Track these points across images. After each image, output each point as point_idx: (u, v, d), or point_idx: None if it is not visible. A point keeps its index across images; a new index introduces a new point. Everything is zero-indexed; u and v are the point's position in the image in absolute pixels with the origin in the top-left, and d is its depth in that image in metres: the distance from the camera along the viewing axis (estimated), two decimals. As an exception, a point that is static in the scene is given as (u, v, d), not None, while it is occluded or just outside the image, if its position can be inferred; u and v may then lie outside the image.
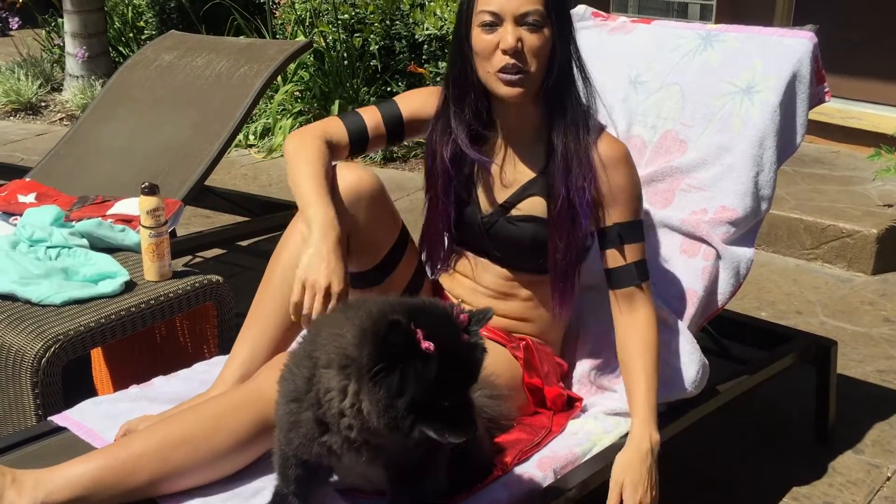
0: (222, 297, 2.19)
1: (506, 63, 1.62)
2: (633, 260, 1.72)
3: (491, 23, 1.63)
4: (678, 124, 2.08)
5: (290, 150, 1.72)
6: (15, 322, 1.94)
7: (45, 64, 6.25)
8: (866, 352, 2.83)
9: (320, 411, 1.30)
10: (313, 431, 1.32)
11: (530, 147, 1.75)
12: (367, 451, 1.30)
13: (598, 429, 1.75)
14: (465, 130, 1.73)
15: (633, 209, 1.73)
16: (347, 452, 1.30)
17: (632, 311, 1.72)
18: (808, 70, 2.01)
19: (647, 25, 2.32)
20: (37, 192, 2.70)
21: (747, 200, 1.96)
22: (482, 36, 1.64)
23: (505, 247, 1.77)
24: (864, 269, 3.42)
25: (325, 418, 1.30)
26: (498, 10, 1.62)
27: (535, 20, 1.62)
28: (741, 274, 1.95)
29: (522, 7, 1.61)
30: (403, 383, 1.20)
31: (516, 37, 1.61)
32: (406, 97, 1.84)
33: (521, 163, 1.76)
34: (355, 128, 1.78)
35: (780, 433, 2.39)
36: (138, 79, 3.25)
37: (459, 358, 1.25)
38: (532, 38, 1.62)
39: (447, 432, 1.24)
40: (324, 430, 1.31)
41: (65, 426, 1.72)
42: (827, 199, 3.74)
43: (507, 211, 1.76)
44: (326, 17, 5.11)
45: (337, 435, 1.29)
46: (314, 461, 1.35)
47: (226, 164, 4.45)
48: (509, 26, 1.62)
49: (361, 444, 1.29)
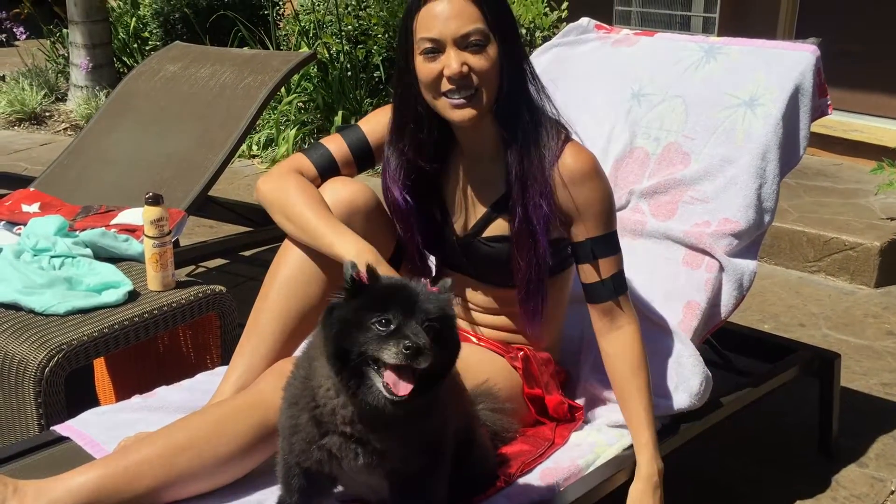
0: (225, 308, 2.19)
1: (450, 88, 1.57)
2: (609, 274, 1.67)
3: (432, 49, 1.56)
4: (681, 136, 2.09)
5: (267, 192, 1.69)
6: (18, 332, 1.94)
7: (49, 74, 6.28)
8: (870, 365, 2.82)
9: (317, 410, 1.29)
10: (313, 434, 1.31)
11: (493, 166, 1.70)
12: (365, 455, 1.29)
13: (602, 441, 1.74)
14: (415, 153, 1.67)
15: (604, 222, 1.66)
16: (347, 456, 1.29)
17: (615, 327, 1.69)
18: (810, 83, 2.01)
19: (650, 38, 2.32)
20: (41, 201, 2.71)
21: (750, 213, 1.96)
22: (425, 64, 1.58)
23: (483, 266, 1.75)
24: (867, 281, 3.42)
25: (322, 418, 1.29)
26: (438, 36, 1.55)
27: (478, 40, 1.55)
28: (744, 286, 1.95)
29: (462, 28, 1.55)
30: (333, 313, 1.23)
31: (460, 61, 1.55)
32: (369, 120, 1.79)
33: (485, 183, 1.72)
34: (322, 161, 1.74)
35: (784, 446, 2.38)
36: (143, 89, 3.26)
37: (393, 285, 1.25)
38: (477, 60, 1.56)
39: (376, 347, 1.19)
40: (323, 433, 1.30)
41: (67, 436, 1.72)
42: (830, 211, 3.74)
43: (479, 232, 1.73)
44: (330, 29, 5.13)
45: (335, 435, 1.29)
46: (316, 469, 1.35)
47: (229, 174, 4.46)
48: (451, 51, 1.55)
49: (360, 445, 1.28)
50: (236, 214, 3.34)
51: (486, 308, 1.81)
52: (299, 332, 1.68)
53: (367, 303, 1.22)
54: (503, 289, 1.76)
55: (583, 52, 2.36)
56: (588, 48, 2.37)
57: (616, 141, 2.16)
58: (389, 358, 1.19)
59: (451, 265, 1.81)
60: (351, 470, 1.32)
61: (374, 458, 1.30)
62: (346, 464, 1.31)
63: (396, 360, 1.19)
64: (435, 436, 1.34)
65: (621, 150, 2.14)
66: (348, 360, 1.21)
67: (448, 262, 1.82)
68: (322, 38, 5.06)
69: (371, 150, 1.76)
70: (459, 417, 1.47)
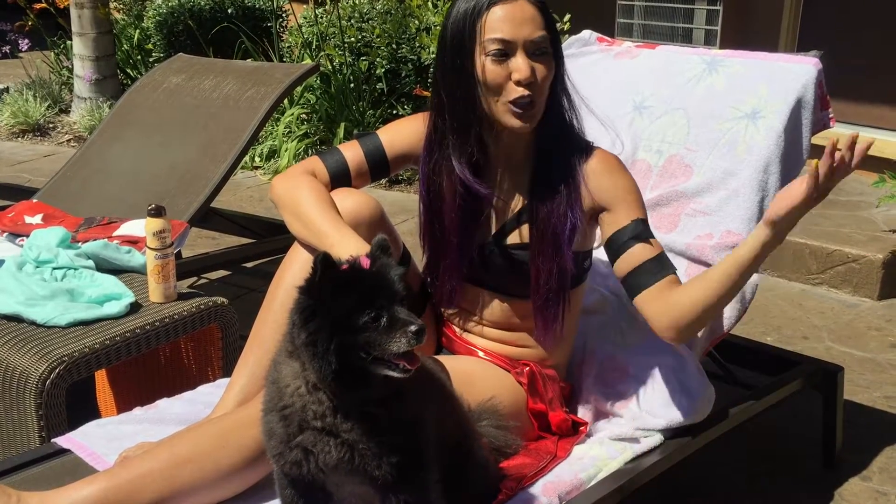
0: (227, 319, 2.19)
1: (521, 94, 1.57)
2: (658, 252, 1.65)
3: (502, 52, 1.56)
4: (683, 149, 2.09)
5: (280, 191, 1.68)
6: (20, 343, 1.94)
7: (53, 86, 6.30)
8: (873, 377, 2.81)
9: (286, 410, 1.30)
10: (283, 434, 1.31)
11: (519, 173, 1.71)
12: (338, 448, 1.27)
13: (604, 454, 1.73)
14: (468, 163, 1.66)
15: (642, 207, 1.68)
16: (322, 451, 1.28)
17: (671, 300, 1.62)
18: (812, 95, 2.02)
19: (651, 51, 2.33)
20: (43, 213, 2.71)
21: (752, 225, 1.96)
22: (491, 66, 1.57)
23: (502, 275, 1.74)
24: (869, 294, 3.41)
25: (292, 417, 1.29)
26: (510, 38, 1.56)
27: (544, 47, 1.58)
28: (746, 298, 1.94)
29: (534, 33, 1.56)
30: (307, 310, 1.23)
31: (530, 66, 1.56)
32: (389, 129, 1.78)
33: (512, 190, 1.72)
34: (336, 166, 1.73)
35: (787, 459, 2.37)
36: (146, 101, 3.27)
37: (362, 274, 1.25)
38: (541, 67, 1.58)
39: (384, 342, 1.21)
40: (295, 432, 1.30)
41: (68, 448, 1.71)
42: (832, 223, 3.74)
43: (502, 239, 1.73)
44: (333, 41, 5.14)
45: (308, 431, 1.29)
46: (297, 475, 1.33)
47: (232, 185, 4.47)
48: (521, 55, 1.56)
49: (332, 437, 1.27)
50: (238, 226, 3.34)
51: (497, 322, 1.79)
52: None
53: (346, 303, 1.22)
54: (519, 300, 1.75)
55: (585, 65, 2.37)
56: (590, 60, 2.38)
57: (615, 152, 2.16)
58: (402, 348, 1.21)
59: (468, 277, 1.79)
60: (328, 467, 1.30)
61: (347, 453, 1.28)
62: (322, 460, 1.29)
63: (409, 347, 1.21)
64: (406, 428, 1.32)
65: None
66: (352, 365, 1.22)
67: (467, 274, 1.80)
68: (325, 49, 5.08)
69: (387, 159, 1.76)
70: (451, 426, 1.47)
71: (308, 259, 1.63)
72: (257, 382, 1.64)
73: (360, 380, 1.24)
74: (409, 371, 1.23)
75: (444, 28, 1.64)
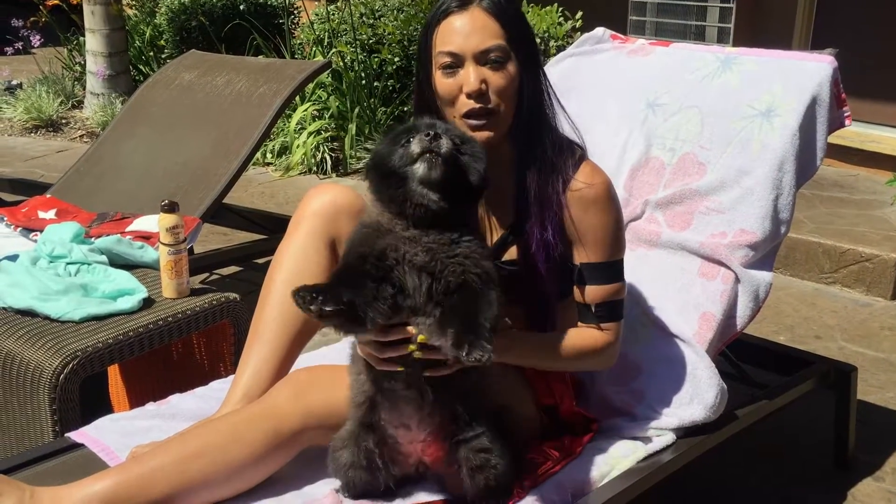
0: (239, 315, 2.19)
1: (471, 108, 1.53)
2: (594, 301, 1.61)
3: (451, 64, 1.53)
4: (697, 147, 2.08)
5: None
6: (34, 338, 1.95)
7: (66, 81, 6.33)
8: (886, 378, 2.80)
9: (372, 227, 1.44)
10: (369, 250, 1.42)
11: (507, 186, 1.64)
12: (424, 255, 1.40)
13: (616, 453, 1.73)
14: None
15: (603, 250, 1.61)
16: (409, 254, 1.39)
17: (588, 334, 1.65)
18: (827, 94, 2.00)
19: (665, 48, 2.32)
20: (57, 208, 2.73)
21: (766, 224, 1.95)
22: (443, 80, 1.55)
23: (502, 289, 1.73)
24: (883, 293, 3.39)
25: (380, 230, 1.42)
26: (457, 51, 1.52)
27: (498, 56, 1.52)
28: (760, 297, 1.94)
29: (482, 44, 1.51)
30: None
31: (479, 78, 1.51)
32: None
33: (499, 205, 1.67)
34: None
35: (799, 459, 2.37)
36: (158, 97, 3.28)
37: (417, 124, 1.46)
38: (496, 77, 1.52)
39: (413, 144, 1.40)
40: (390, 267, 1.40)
41: (81, 442, 1.72)
42: (846, 222, 3.72)
43: (497, 256, 1.67)
44: (345, 38, 5.15)
45: (391, 235, 1.41)
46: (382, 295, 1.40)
47: (243, 181, 4.47)
48: (471, 67, 1.52)
49: (420, 247, 1.40)
50: (250, 222, 3.35)
51: None
52: (300, 333, 1.69)
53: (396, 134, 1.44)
54: (518, 306, 1.72)
55: (598, 62, 2.36)
56: (603, 58, 2.37)
57: (631, 150, 2.16)
58: (416, 147, 1.39)
59: None
60: (412, 267, 1.40)
61: (429, 257, 1.39)
62: (410, 281, 1.39)
63: (421, 145, 1.39)
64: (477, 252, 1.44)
65: (637, 160, 2.14)
66: (392, 175, 1.41)
67: None
68: (336, 46, 5.09)
69: None
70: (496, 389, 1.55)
71: (298, 251, 1.69)
72: (261, 376, 1.65)
73: (402, 187, 1.41)
74: (428, 171, 1.39)
75: None
